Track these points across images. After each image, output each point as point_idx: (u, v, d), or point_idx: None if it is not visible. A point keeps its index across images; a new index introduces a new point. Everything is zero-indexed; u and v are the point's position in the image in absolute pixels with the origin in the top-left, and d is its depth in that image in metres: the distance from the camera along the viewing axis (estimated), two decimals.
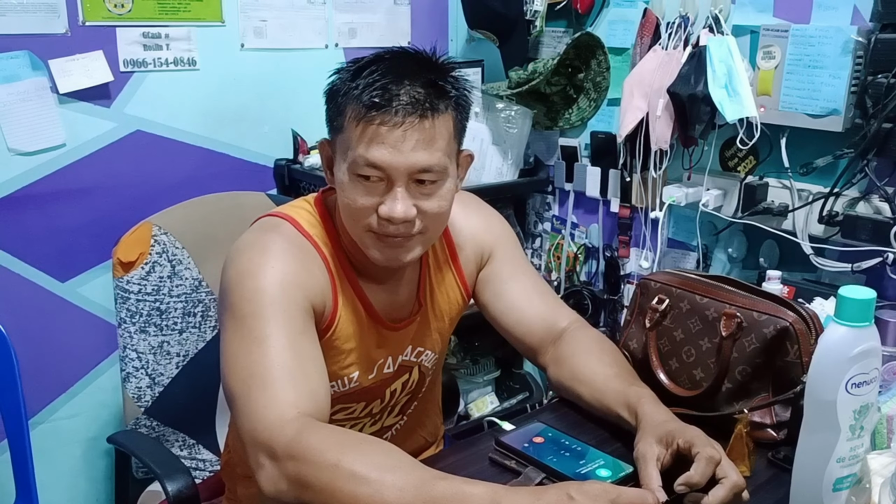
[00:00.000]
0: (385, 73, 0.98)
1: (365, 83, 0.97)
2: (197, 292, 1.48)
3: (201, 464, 1.52)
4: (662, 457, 0.91)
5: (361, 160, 0.98)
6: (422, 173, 0.99)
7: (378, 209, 1.00)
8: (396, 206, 0.98)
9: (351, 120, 0.99)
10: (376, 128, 0.96)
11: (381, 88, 0.96)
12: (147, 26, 1.82)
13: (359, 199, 1.00)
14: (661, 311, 1.19)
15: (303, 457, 0.87)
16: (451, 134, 1.02)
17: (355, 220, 1.03)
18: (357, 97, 0.97)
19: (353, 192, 1.00)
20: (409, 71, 0.99)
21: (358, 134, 0.98)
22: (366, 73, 0.98)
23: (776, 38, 1.56)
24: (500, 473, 1.01)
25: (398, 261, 1.05)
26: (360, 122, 0.97)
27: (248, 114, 2.02)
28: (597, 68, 1.97)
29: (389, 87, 0.96)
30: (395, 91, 0.96)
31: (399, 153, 0.97)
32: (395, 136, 0.96)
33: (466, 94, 1.04)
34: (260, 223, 1.11)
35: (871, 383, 0.83)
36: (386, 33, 2.19)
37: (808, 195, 1.59)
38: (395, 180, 0.99)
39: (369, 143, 0.97)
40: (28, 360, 1.49)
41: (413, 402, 1.28)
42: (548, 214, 2.24)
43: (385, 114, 0.96)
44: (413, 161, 0.98)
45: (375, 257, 1.04)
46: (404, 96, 0.96)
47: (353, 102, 0.98)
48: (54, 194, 1.77)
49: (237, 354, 0.97)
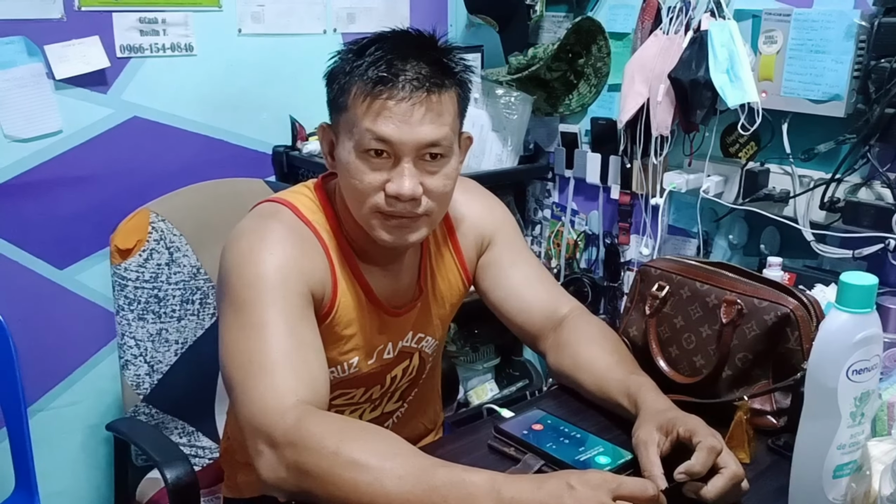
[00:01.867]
0: (390, 51, 0.98)
1: (371, 60, 0.98)
2: (195, 279, 1.47)
3: (200, 451, 1.52)
4: (662, 444, 0.91)
5: (369, 135, 0.98)
6: (429, 147, 1.00)
7: (385, 187, 1.00)
8: (404, 182, 0.98)
9: (356, 97, 0.99)
10: (383, 102, 0.97)
11: (388, 63, 0.97)
12: (143, 11, 1.80)
13: (365, 177, 1.00)
14: (661, 297, 1.18)
15: (302, 444, 0.87)
16: (456, 111, 1.03)
17: (361, 201, 1.02)
18: (362, 74, 0.98)
19: (360, 170, 1.00)
20: (413, 49, 1.00)
21: (364, 109, 0.98)
22: (370, 50, 0.99)
23: (778, 22, 1.55)
24: (499, 461, 1.00)
25: (404, 241, 1.05)
26: (366, 97, 0.98)
27: (245, 100, 2.00)
28: (597, 53, 1.96)
29: (395, 63, 0.97)
30: (401, 67, 0.97)
31: (408, 126, 0.97)
32: (402, 110, 0.97)
33: (469, 74, 1.05)
34: (259, 209, 1.10)
35: (872, 370, 0.83)
36: (385, 18, 2.17)
37: (809, 181, 1.58)
38: (403, 156, 0.99)
39: (376, 117, 0.97)
40: (27, 348, 1.49)
41: (413, 388, 1.27)
42: (548, 201, 2.23)
43: (392, 88, 0.96)
44: (421, 135, 0.98)
45: (382, 238, 1.04)
46: (410, 71, 0.97)
47: (358, 80, 0.98)
48: (51, 181, 1.76)
49: (236, 341, 0.97)
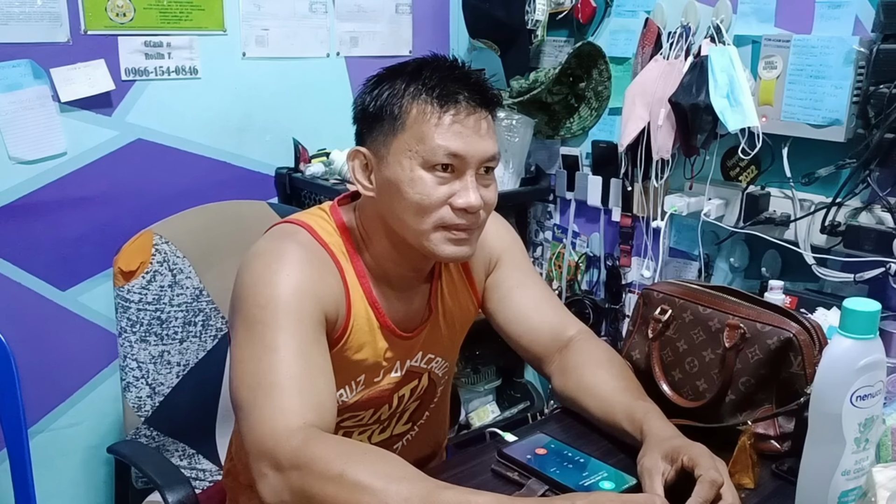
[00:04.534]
0: (440, 74, 1.04)
1: (431, 83, 1.03)
2: (198, 301, 1.47)
3: (201, 474, 1.52)
4: (667, 472, 0.91)
5: (441, 150, 1.01)
6: (490, 161, 1.05)
7: (451, 201, 1.03)
8: (471, 194, 1.03)
9: (420, 115, 1.02)
10: (452, 118, 1.02)
11: (446, 85, 1.03)
12: (149, 35, 1.82)
13: (434, 192, 1.02)
14: (663, 321, 1.19)
15: (307, 467, 0.87)
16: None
17: (424, 216, 1.03)
18: (425, 95, 1.02)
19: (427, 185, 1.02)
20: (455, 73, 1.05)
21: (433, 126, 1.02)
22: (425, 73, 1.04)
23: (778, 48, 1.56)
24: (502, 485, 1.00)
25: (466, 255, 1.08)
26: (432, 115, 1.02)
27: (249, 122, 2.02)
28: (598, 77, 1.98)
29: (452, 84, 1.03)
30: (459, 87, 1.03)
31: (479, 140, 1.03)
32: (470, 126, 1.02)
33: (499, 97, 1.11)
34: (276, 229, 1.11)
35: (876, 396, 0.83)
36: (388, 42, 2.20)
37: (810, 205, 1.59)
38: (467, 169, 1.03)
39: (447, 132, 1.01)
40: (28, 368, 1.49)
41: (424, 411, 1.27)
42: (549, 223, 2.24)
43: (458, 105, 1.02)
44: (486, 148, 1.04)
45: (444, 253, 1.05)
46: (467, 91, 1.03)
47: (420, 101, 1.02)
48: (55, 203, 1.77)
49: (247, 361, 0.97)
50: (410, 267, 1.13)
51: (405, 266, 1.12)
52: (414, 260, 1.11)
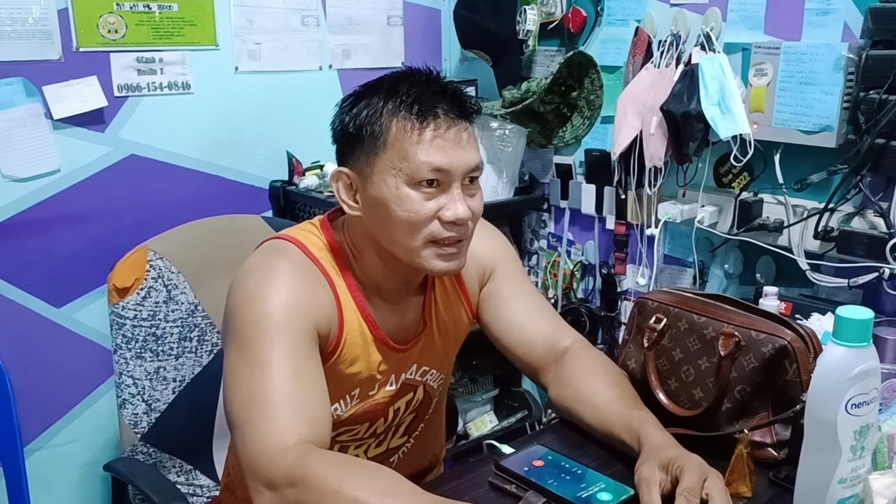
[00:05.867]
0: (419, 88, 1.03)
1: (408, 100, 1.02)
2: (193, 317, 1.47)
3: (199, 490, 1.51)
4: (664, 482, 0.91)
5: (425, 166, 1.01)
6: (474, 171, 1.05)
7: (440, 214, 1.03)
8: (459, 206, 1.03)
9: (400, 133, 1.02)
10: (433, 133, 1.01)
11: (424, 99, 1.02)
12: (141, 51, 1.82)
13: (421, 208, 1.02)
14: (659, 330, 1.19)
15: (303, 483, 0.86)
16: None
17: (414, 233, 1.03)
18: (404, 112, 1.02)
19: (414, 202, 1.02)
20: (432, 87, 1.04)
21: (414, 143, 1.01)
22: (402, 89, 1.03)
23: (768, 55, 1.57)
24: (500, 498, 1.00)
25: (458, 267, 1.08)
26: (413, 131, 1.01)
27: (242, 136, 2.02)
28: (590, 86, 1.98)
29: (429, 98, 1.02)
30: (436, 101, 1.02)
31: (461, 152, 1.03)
32: (451, 139, 1.02)
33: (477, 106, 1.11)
34: (266, 246, 1.11)
35: (870, 403, 0.83)
36: (380, 54, 2.20)
37: (803, 211, 1.59)
38: (452, 182, 1.03)
39: (428, 148, 1.01)
40: (24, 386, 1.49)
41: (419, 423, 1.27)
42: (544, 232, 2.24)
43: (437, 119, 1.02)
44: (469, 159, 1.04)
45: (437, 268, 1.06)
46: (445, 104, 1.02)
47: (399, 118, 1.02)
48: (49, 220, 1.77)
49: (240, 378, 0.97)
50: (401, 280, 1.13)
51: (396, 279, 1.12)
52: (404, 273, 1.11)
